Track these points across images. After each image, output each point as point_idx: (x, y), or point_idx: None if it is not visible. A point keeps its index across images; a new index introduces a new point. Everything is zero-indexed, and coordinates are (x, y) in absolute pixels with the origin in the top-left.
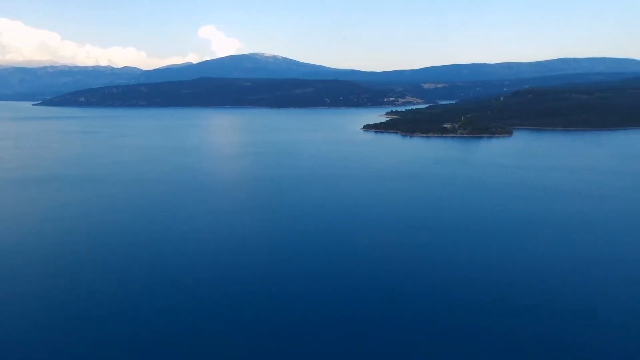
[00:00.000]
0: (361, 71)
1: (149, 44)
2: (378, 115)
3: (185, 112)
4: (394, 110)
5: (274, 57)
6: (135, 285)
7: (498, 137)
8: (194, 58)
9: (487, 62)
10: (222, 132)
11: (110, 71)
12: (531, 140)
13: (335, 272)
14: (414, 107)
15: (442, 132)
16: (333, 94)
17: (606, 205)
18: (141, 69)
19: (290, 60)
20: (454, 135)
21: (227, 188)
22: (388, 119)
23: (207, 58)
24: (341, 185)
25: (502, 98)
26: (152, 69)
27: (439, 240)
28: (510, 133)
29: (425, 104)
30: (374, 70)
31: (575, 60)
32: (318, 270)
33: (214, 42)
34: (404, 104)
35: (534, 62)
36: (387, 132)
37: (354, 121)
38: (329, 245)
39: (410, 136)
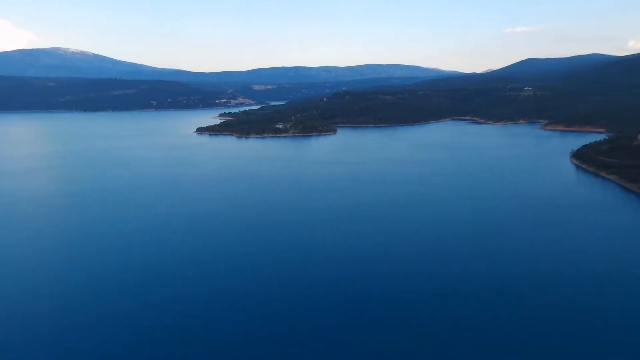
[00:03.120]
0: (189, 71)
1: None
2: (211, 117)
3: None
4: (227, 112)
5: (83, 53)
6: None
7: (325, 134)
8: None
9: (309, 66)
10: (18, 142)
11: None
12: (352, 137)
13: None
14: (247, 108)
15: (276, 132)
16: (160, 96)
17: (409, 189)
18: None
19: (104, 57)
20: (287, 134)
21: (23, 211)
22: (222, 120)
23: None
24: (178, 195)
25: (325, 99)
26: None
27: (283, 236)
28: (334, 131)
29: (257, 105)
30: (202, 71)
31: (379, 66)
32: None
33: None
34: (236, 105)
35: (348, 67)
36: (222, 134)
37: (186, 124)
38: (166, 257)
39: (246, 137)
